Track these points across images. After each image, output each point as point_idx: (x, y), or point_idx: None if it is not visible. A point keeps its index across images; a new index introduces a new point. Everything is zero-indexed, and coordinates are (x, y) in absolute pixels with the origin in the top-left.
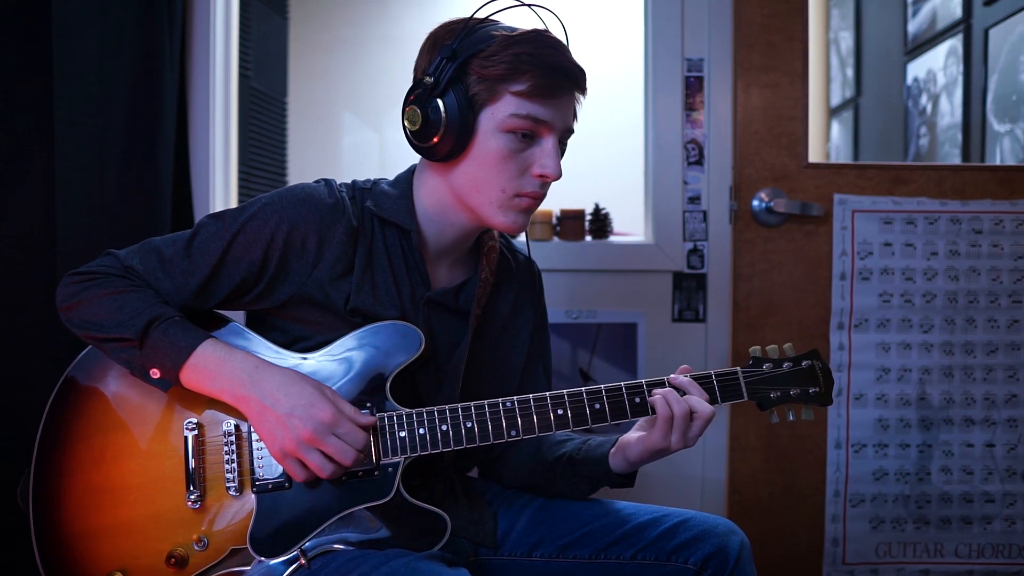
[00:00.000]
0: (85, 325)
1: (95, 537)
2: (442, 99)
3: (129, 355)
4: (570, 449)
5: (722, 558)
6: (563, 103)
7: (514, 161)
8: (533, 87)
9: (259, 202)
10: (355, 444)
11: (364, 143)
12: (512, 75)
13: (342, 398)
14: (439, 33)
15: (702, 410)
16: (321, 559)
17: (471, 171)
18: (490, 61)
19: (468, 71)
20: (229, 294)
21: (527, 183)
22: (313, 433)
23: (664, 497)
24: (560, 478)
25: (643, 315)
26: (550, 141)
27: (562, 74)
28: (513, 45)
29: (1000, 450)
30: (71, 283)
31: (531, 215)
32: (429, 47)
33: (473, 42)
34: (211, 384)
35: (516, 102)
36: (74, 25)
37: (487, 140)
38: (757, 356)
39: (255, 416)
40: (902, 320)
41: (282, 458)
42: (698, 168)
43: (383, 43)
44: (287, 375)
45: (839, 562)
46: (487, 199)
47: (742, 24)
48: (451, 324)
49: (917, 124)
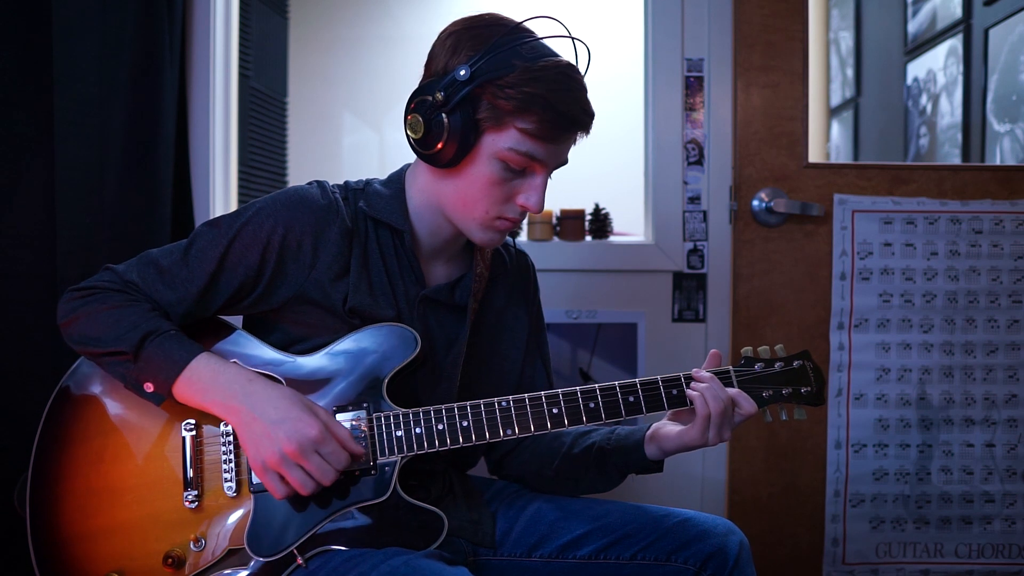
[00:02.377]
0: (84, 340)
1: (92, 538)
2: (448, 116)
3: (124, 369)
4: (599, 440)
5: (721, 558)
6: (563, 144)
7: (501, 188)
8: (538, 129)
9: (253, 207)
10: (337, 465)
11: (364, 143)
12: (521, 112)
13: (336, 421)
14: (462, 36)
15: (747, 407)
16: (319, 559)
17: (460, 187)
18: (504, 93)
19: (482, 94)
20: (228, 299)
21: (509, 209)
22: (298, 448)
23: (664, 497)
24: (590, 470)
25: (643, 315)
26: (540, 177)
27: (570, 121)
28: (530, 82)
29: (1000, 450)
30: (71, 299)
31: (507, 234)
32: (450, 47)
33: (492, 66)
34: (203, 397)
35: (518, 137)
36: (74, 25)
37: (482, 163)
38: (749, 356)
39: (242, 426)
40: (902, 320)
41: (263, 472)
42: (698, 168)
43: (383, 43)
44: (280, 390)
45: (839, 562)
46: (470, 216)
47: (742, 24)
48: (447, 321)
49: (917, 124)
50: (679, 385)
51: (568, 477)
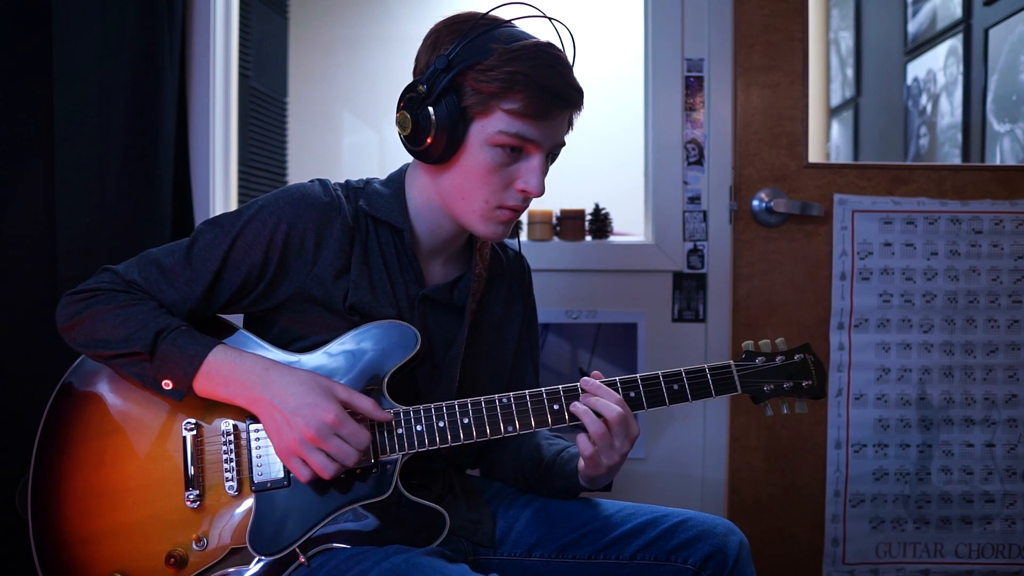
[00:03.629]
0: (91, 343)
1: (95, 540)
2: (434, 108)
3: (140, 369)
4: (550, 456)
5: (721, 558)
6: (555, 122)
7: (499, 175)
8: (524, 107)
9: (255, 205)
10: (358, 445)
11: (364, 143)
12: (505, 93)
13: (359, 393)
14: (442, 32)
15: (609, 414)
16: (320, 557)
17: (457, 179)
18: (485, 76)
19: (463, 81)
20: (231, 297)
21: (510, 196)
22: (316, 433)
23: (664, 497)
24: (552, 479)
25: (643, 315)
26: (536, 159)
27: (556, 96)
28: (510, 62)
29: (1000, 450)
30: (71, 302)
31: (511, 225)
32: (430, 45)
33: (470, 52)
34: (224, 390)
35: (507, 119)
36: (74, 25)
37: (475, 152)
38: (750, 350)
39: (265, 416)
40: (902, 320)
41: (287, 457)
42: (698, 168)
43: (383, 43)
44: (297, 375)
45: (839, 562)
46: (470, 208)
47: (742, 24)
48: (446, 320)
49: (917, 124)
50: (680, 380)
51: (535, 481)
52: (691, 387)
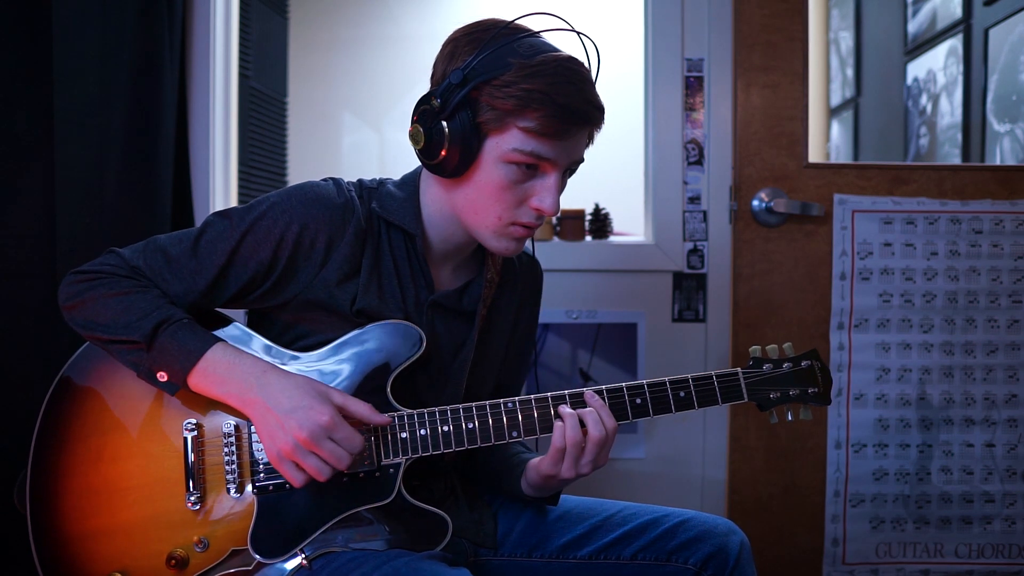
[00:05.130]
0: (90, 326)
1: (94, 538)
2: (447, 123)
3: (136, 357)
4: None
5: (722, 558)
6: (572, 140)
7: (513, 192)
8: (540, 126)
9: (268, 201)
10: (351, 449)
11: (364, 143)
12: (521, 110)
13: (354, 398)
14: (460, 41)
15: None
16: (322, 560)
17: (470, 194)
18: (501, 92)
19: (479, 96)
20: (235, 294)
21: (523, 214)
22: (309, 436)
23: (664, 497)
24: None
25: (643, 315)
26: (552, 177)
27: (573, 114)
28: (527, 78)
29: (1000, 450)
30: (75, 281)
31: (525, 241)
32: (448, 54)
33: (487, 66)
34: (219, 388)
35: (522, 137)
36: (74, 25)
37: (489, 168)
38: (757, 356)
39: (258, 418)
40: (902, 320)
41: (278, 462)
42: (698, 168)
43: (383, 43)
44: (293, 379)
45: (839, 562)
46: (483, 224)
47: (742, 24)
48: (455, 326)
49: (917, 124)
50: (687, 387)
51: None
52: (698, 395)
